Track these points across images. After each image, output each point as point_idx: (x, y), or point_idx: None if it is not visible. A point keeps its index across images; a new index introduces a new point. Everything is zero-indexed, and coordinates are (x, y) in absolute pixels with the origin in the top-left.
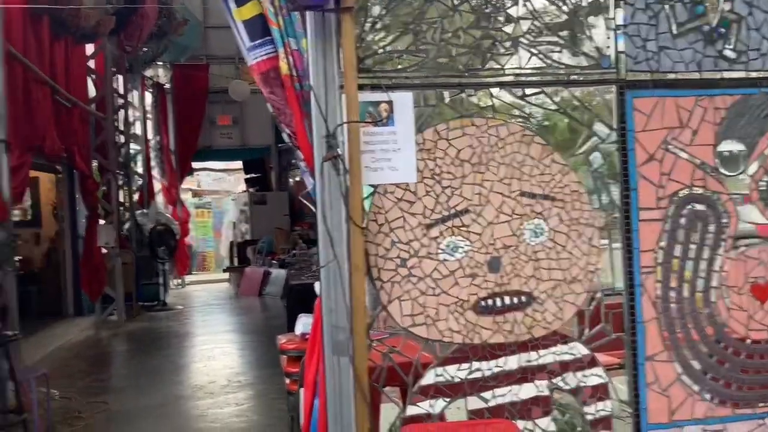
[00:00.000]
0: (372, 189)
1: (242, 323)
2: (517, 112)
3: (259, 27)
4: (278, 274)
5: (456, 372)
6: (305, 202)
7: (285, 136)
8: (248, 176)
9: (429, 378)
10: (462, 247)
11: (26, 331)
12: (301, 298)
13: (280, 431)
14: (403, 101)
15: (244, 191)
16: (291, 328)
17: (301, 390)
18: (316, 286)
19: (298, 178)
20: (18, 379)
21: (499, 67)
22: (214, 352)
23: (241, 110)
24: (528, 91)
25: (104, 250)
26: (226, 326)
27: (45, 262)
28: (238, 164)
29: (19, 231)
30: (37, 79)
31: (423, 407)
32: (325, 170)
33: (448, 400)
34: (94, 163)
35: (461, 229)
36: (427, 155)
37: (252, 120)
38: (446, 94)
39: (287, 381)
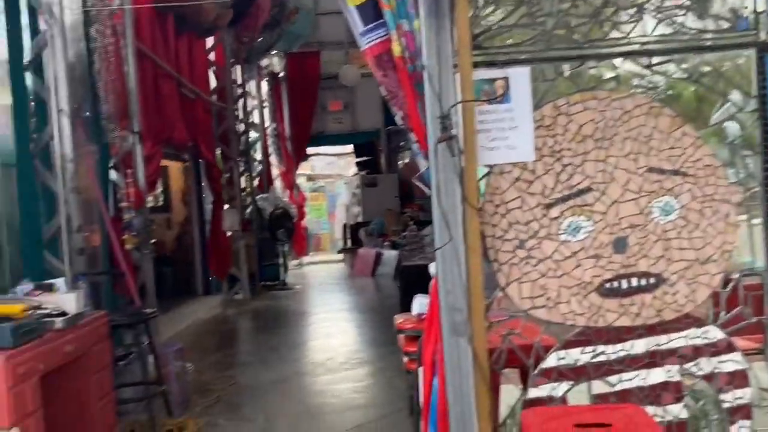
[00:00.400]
0: (487, 169)
1: (357, 302)
2: (642, 83)
3: (371, 11)
4: (390, 255)
5: (579, 355)
6: (418, 184)
7: (398, 119)
8: (359, 159)
9: (551, 361)
10: (584, 227)
11: (161, 308)
12: (413, 279)
13: (398, 408)
14: (520, 77)
15: (356, 174)
16: (404, 307)
17: (420, 369)
18: (431, 267)
19: (407, 160)
20: (157, 353)
21: (622, 35)
22: (332, 329)
23: (351, 95)
24: (654, 59)
25: (229, 234)
26: (342, 305)
27: (176, 245)
28: (349, 148)
29: (153, 216)
30: (164, 74)
31: (544, 390)
32: (439, 151)
33: (571, 383)
34: (218, 152)
35: (584, 208)
36: (546, 132)
37: (362, 104)
38: (565, 67)
39: (405, 360)
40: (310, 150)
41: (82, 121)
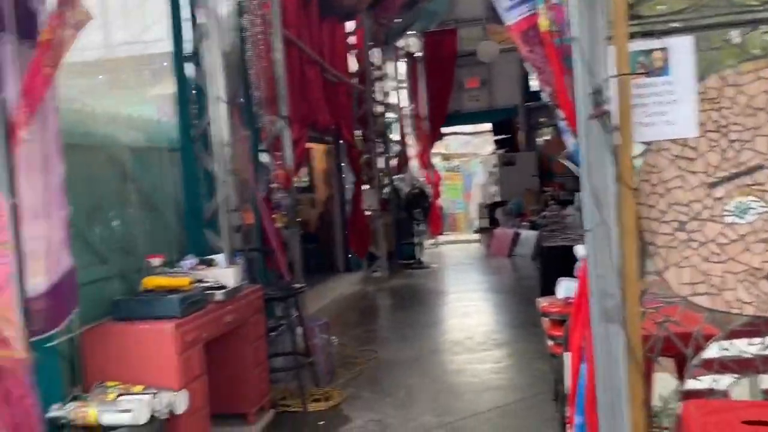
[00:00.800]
0: (643, 147)
1: (494, 282)
2: None
3: None
4: (528, 235)
5: (746, 347)
6: (566, 163)
7: (545, 96)
8: (497, 138)
9: (712, 351)
10: (754, 209)
11: (307, 283)
12: (554, 260)
13: (539, 392)
14: (681, 47)
15: (492, 153)
16: (545, 289)
17: (566, 354)
18: (578, 249)
19: (547, 137)
20: (306, 326)
21: None
22: (469, 309)
23: (488, 72)
24: None
25: (368, 213)
26: (478, 284)
27: (319, 223)
28: (486, 126)
29: (299, 196)
30: (309, 60)
31: (705, 382)
32: (590, 128)
33: (736, 376)
34: (357, 133)
35: (753, 187)
36: (711, 105)
37: (499, 81)
38: (734, 33)
39: (550, 343)
40: (445, 129)
41: (237, 108)
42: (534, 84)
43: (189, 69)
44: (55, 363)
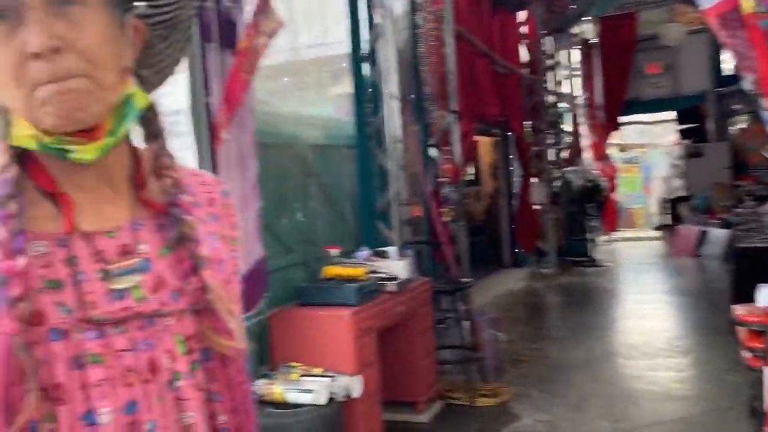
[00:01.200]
0: None
1: (677, 284)
2: None
3: None
4: (716, 233)
5: None
6: None
7: (747, 84)
8: (682, 127)
9: None
10: None
11: (473, 277)
12: (750, 263)
13: (730, 405)
14: None
15: (676, 143)
16: (738, 294)
17: (766, 368)
18: None
19: (742, 126)
20: (473, 320)
21: None
22: (646, 311)
23: (672, 56)
24: None
25: (536, 207)
26: (658, 285)
27: (485, 216)
28: (666, 115)
29: (465, 189)
30: (479, 53)
31: None
32: None
33: None
34: (527, 125)
35: None
36: None
37: (685, 65)
38: None
39: (747, 355)
40: (623, 119)
41: (408, 104)
42: (727, 68)
43: (365, 68)
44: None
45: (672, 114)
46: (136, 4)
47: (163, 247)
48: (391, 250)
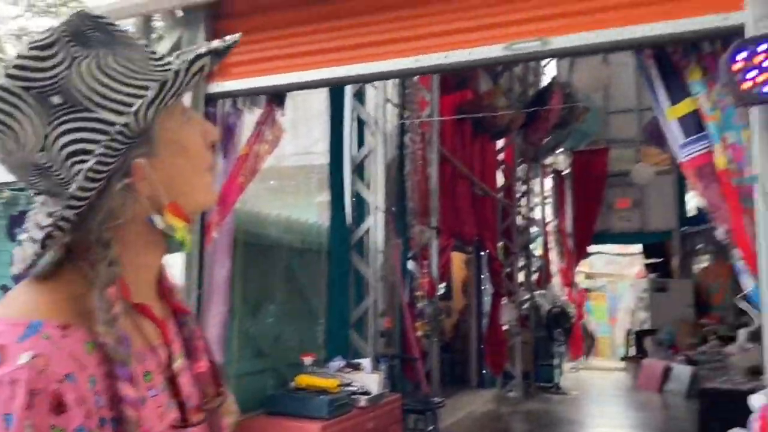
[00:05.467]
0: None
1: (642, 420)
2: None
3: (692, 124)
4: (681, 370)
5: None
6: (743, 306)
7: (720, 233)
8: (648, 261)
9: None
10: None
11: (441, 395)
12: (717, 404)
13: None
14: None
15: (642, 276)
16: None
17: None
18: (755, 399)
19: (704, 265)
20: None
21: None
22: None
23: (641, 193)
24: None
25: (505, 328)
26: (624, 420)
27: (454, 332)
28: (632, 248)
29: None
30: (460, 175)
31: None
32: None
33: None
34: (500, 245)
35: None
36: None
37: (653, 203)
38: None
39: None
40: (592, 248)
41: (392, 217)
42: (691, 208)
43: (349, 178)
44: None
45: (639, 247)
46: None
47: (180, 352)
48: (365, 362)
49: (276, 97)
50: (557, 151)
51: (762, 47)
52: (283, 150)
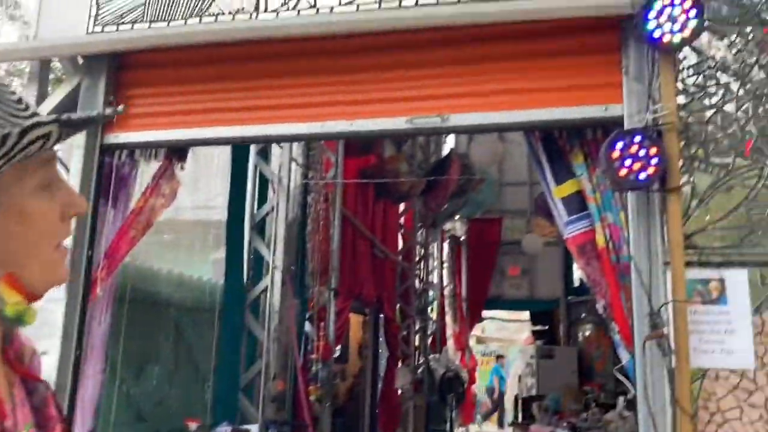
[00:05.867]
0: (701, 372)
1: None
2: None
3: (576, 203)
4: None
5: None
6: (619, 376)
7: (600, 307)
8: (535, 328)
9: None
10: None
11: None
12: None
13: None
14: (736, 280)
15: (530, 343)
16: None
17: None
18: None
19: (587, 333)
20: None
21: None
22: None
23: (531, 262)
24: None
25: (399, 391)
26: None
27: (348, 396)
28: (523, 314)
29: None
30: (362, 237)
31: None
32: (647, 349)
33: None
34: (397, 308)
35: None
36: (764, 340)
37: (541, 272)
38: None
39: None
40: (484, 313)
41: (290, 277)
42: (576, 279)
43: (248, 236)
44: None
45: (528, 314)
46: None
47: (29, 422)
48: (253, 428)
49: (176, 151)
50: (455, 218)
51: (637, 138)
52: (181, 202)
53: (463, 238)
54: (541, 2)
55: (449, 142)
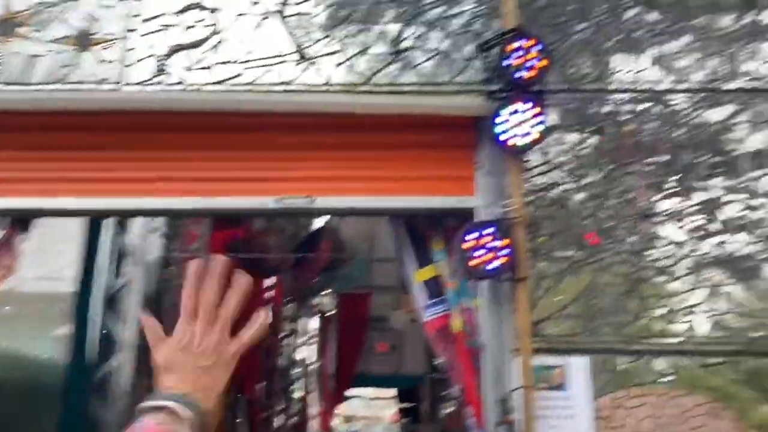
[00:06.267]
0: None
1: None
2: (701, 382)
3: (435, 287)
4: None
5: None
6: None
7: (455, 391)
8: (402, 406)
9: None
10: None
11: None
12: None
13: None
14: (578, 366)
15: (396, 420)
16: None
17: None
18: None
19: (449, 410)
20: None
21: (677, 334)
22: None
23: (398, 338)
24: (710, 360)
25: None
26: None
27: None
28: (390, 392)
29: None
30: None
31: None
32: None
33: None
34: (260, 387)
35: None
36: (605, 424)
37: (408, 348)
38: (621, 360)
39: None
40: (351, 391)
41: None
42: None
43: (99, 311)
44: None
45: (394, 391)
46: None
47: None
48: None
49: (20, 221)
50: (324, 292)
51: (488, 230)
52: (24, 273)
53: (332, 313)
54: (405, 99)
55: (321, 217)
